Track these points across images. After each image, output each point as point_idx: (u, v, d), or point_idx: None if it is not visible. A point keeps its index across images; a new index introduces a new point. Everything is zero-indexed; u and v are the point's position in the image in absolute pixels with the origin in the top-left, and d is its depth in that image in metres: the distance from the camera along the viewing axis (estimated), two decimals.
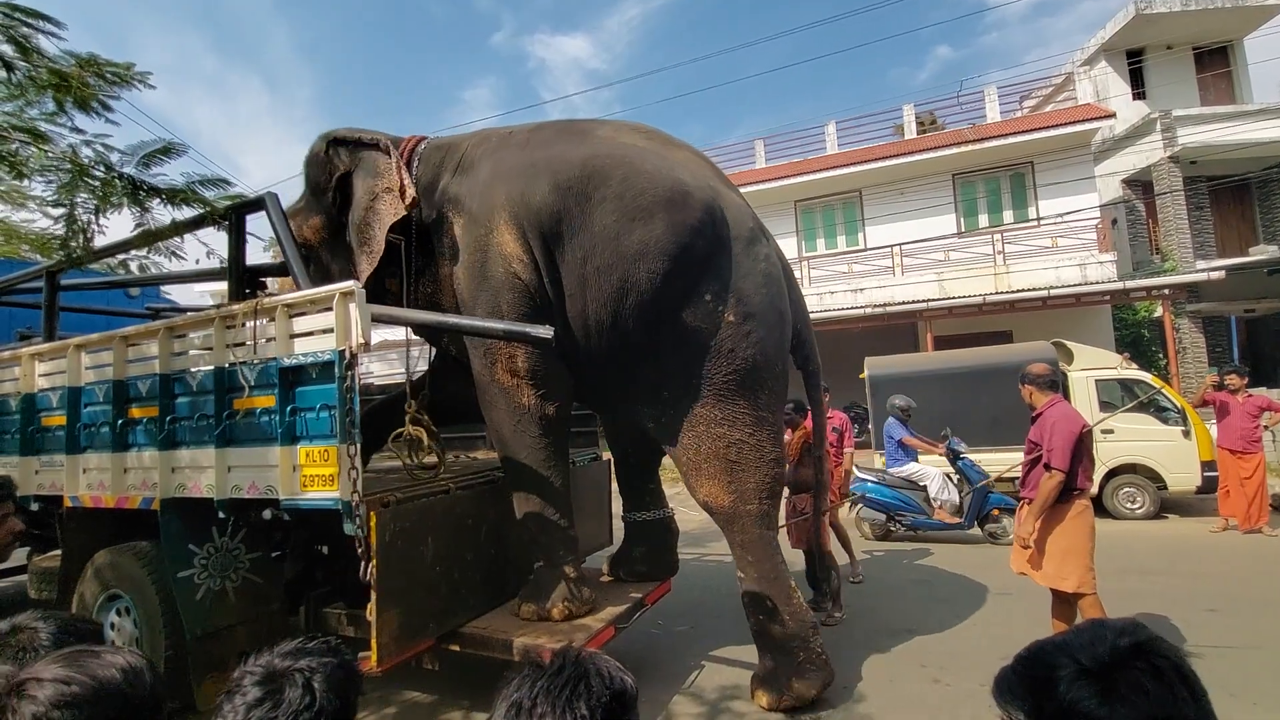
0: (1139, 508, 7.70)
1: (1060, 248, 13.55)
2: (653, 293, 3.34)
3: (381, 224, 3.62)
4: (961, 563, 6.15)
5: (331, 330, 2.98)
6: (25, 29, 2.96)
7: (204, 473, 3.38)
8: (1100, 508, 7.77)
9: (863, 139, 16.84)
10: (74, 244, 3.20)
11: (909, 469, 7.20)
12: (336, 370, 2.92)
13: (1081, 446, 3.56)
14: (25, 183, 3.47)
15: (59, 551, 4.20)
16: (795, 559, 5.48)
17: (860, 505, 7.30)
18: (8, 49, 2.98)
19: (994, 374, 8.05)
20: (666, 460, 4.61)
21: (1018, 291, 12.54)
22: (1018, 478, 4.05)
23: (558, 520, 3.64)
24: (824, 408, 4.28)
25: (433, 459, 3.85)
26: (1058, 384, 3.86)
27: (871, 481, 7.26)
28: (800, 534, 4.90)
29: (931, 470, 7.17)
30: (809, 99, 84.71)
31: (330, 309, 2.99)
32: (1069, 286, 12.27)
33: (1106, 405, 7.99)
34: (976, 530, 7.03)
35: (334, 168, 3.92)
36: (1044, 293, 12.01)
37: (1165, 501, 7.77)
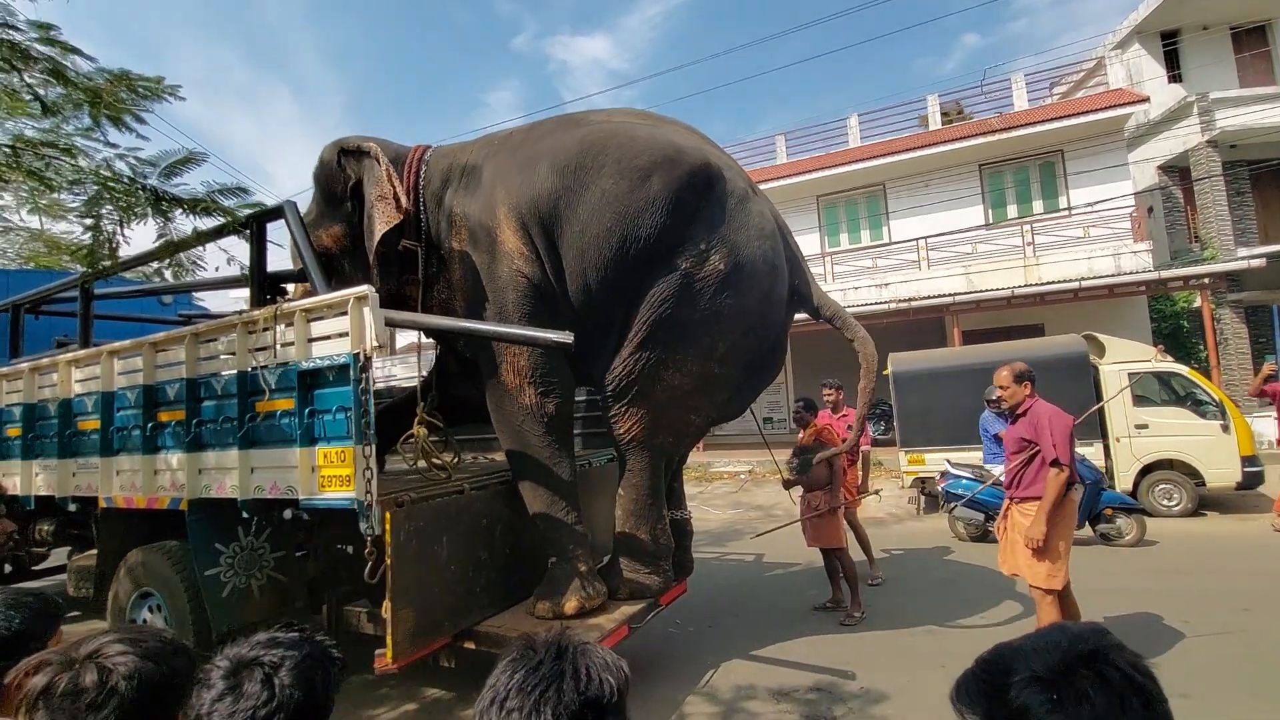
0: (1176, 505, 7.45)
1: (1092, 238, 13.15)
2: (652, 245, 3.47)
3: (374, 232, 3.71)
4: (984, 561, 6.02)
5: (347, 334, 3.05)
6: (60, 59, 3.10)
7: (228, 474, 3.48)
8: None
9: (886, 131, 16.56)
10: (100, 254, 3.32)
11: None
12: (351, 373, 2.99)
13: (1072, 441, 3.51)
14: (57, 196, 3.61)
15: (96, 551, 4.37)
16: (813, 557, 5.46)
17: (955, 504, 6.78)
18: (41, 77, 3.12)
19: None
20: (690, 459, 4.60)
21: (1048, 284, 12.21)
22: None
23: (566, 517, 3.69)
24: (863, 337, 4.16)
25: (446, 458, 3.90)
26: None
27: (967, 478, 6.81)
28: (816, 532, 4.85)
29: None
30: (833, 93, 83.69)
31: (345, 313, 3.07)
32: (1102, 277, 11.92)
33: (1141, 400, 7.76)
34: (1087, 531, 6.18)
35: (347, 176, 4.01)
36: (1075, 284, 11.68)
37: (1204, 498, 7.51)
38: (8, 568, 5.79)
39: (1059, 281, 12.14)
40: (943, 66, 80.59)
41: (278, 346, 3.31)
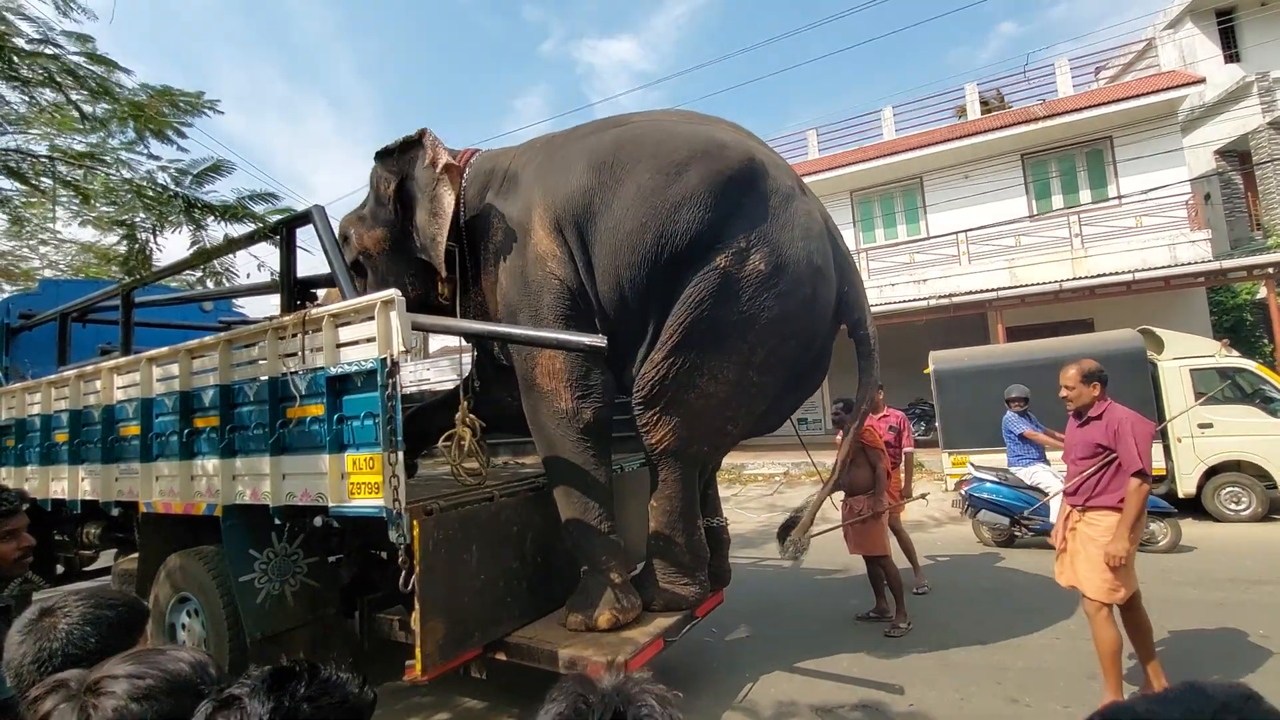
0: (1245, 509, 7.02)
1: (1145, 227, 12.55)
2: (689, 242, 3.32)
3: (443, 211, 3.66)
4: (1036, 567, 5.73)
5: (374, 339, 3.00)
6: (106, 76, 3.16)
7: (261, 480, 3.47)
8: (1200, 509, 7.14)
9: (922, 123, 16.12)
10: (133, 262, 3.35)
11: (1033, 472, 6.12)
12: (379, 378, 2.94)
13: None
14: (96, 205, 3.66)
15: (138, 554, 4.44)
16: (854, 563, 5.25)
17: (979, 509, 6.55)
18: (85, 94, 3.17)
19: None
20: (723, 462, 4.46)
21: (1098, 276, 11.68)
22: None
23: (600, 525, 3.57)
24: (873, 381, 4.06)
25: (475, 464, 3.83)
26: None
27: (991, 482, 6.57)
28: (858, 538, 4.66)
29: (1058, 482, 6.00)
30: (867, 86, 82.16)
31: (372, 318, 3.02)
32: (1156, 269, 11.33)
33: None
34: None
35: (388, 177, 3.98)
36: (1128, 276, 11.13)
37: (1275, 502, 7.05)
38: (59, 569, 5.96)
39: (1110, 274, 11.60)
40: (978, 57, 78.38)
41: (306, 352, 3.29)
